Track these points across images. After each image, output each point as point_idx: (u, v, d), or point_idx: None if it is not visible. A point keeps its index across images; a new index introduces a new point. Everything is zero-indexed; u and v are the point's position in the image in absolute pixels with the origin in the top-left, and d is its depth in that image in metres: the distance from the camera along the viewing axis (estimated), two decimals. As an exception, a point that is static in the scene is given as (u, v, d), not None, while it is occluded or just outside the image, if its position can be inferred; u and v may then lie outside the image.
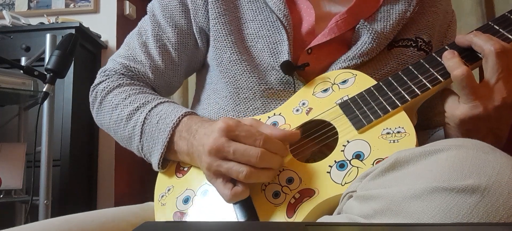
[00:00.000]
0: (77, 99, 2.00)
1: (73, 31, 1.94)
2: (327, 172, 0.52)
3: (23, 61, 1.80)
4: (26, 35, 2.02)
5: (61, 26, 2.03)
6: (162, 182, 0.64)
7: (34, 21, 2.18)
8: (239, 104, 0.67)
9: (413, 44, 0.68)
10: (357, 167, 0.50)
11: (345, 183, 0.49)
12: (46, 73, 1.24)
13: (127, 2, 2.42)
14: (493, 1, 1.87)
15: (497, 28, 0.55)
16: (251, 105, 0.67)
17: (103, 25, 2.29)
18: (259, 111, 0.66)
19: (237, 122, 0.53)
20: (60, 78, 1.27)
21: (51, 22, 2.15)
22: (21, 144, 1.64)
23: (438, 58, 0.56)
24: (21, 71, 1.34)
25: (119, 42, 2.32)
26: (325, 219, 0.49)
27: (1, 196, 1.50)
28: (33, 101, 1.63)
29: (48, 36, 1.59)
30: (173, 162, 0.65)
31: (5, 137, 1.75)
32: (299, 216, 0.50)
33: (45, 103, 1.49)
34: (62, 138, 1.92)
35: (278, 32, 0.66)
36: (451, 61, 0.53)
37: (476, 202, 0.33)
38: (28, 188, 1.58)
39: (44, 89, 1.23)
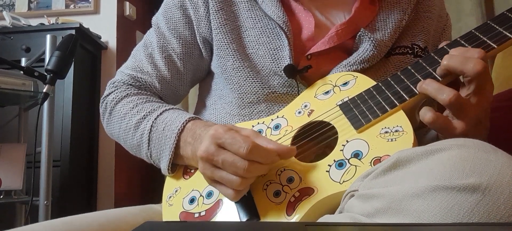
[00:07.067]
0: (77, 100, 2.00)
1: (73, 32, 1.94)
2: (326, 171, 0.53)
3: (23, 62, 1.80)
4: (26, 36, 2.03)
5: (61, 27, 2.04)
6: (170, 183, 0.66)
7: (34, 22, 2.18)
8: (244, 108, 0.69)
9: (410, 52, 0.70)
10: (355, 166, 0.51)
11: (343, 182, 0.50)
12: (46, 74, 1.24)
13: (127, 2, 2.42)
14: (493, 2, 1.87)
15: (496, 27, 0.55)
16: (255, 109, 0.68)
17: (103, 26, 2.29)
18: (263, 114, 0.68)
19: (228, 129, 0.54)
20: (60, 79, 1.27)
21: (51, 23, 2.16)
22: (21, 145, 1.64)
23: (436, 57, 0.57)
24: (21, 72, 1.34)
25: (119, 43, 2.32)
26: (326, 218, 0.49)
27: (1, 196, 1.50)
28: (33, 102, 1.63)
29: (48, 37, 1.59)
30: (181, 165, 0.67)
31: (5, 138, 1.75)
32: (298, 214, 0.51)
33: (45, 104, 1.49)
34: (62, 139, 1.92)
35: (278, 39, 0.68)
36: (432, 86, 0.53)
37: (477, 201, 0.33)
38: (28, 189, 1.57)
39: (44, 90, 1.24)
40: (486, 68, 0.50)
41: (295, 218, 0.51)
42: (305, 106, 0.64)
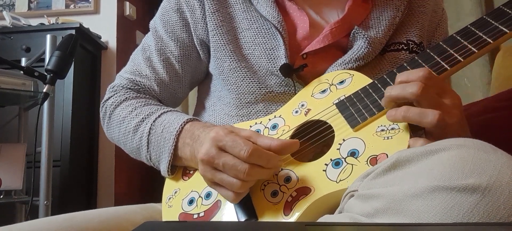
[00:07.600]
0: (77, 100, 2.00)
1: (73, 32, 1.94)
2: (323, 170, 0.53)
3: (23, 62, 1.80)
4: (26, 36, 2.03)
5: (61, 27, 2.03)
6: (170, 185, 0.66)
7: (34, 22, 2.18)
8: (242, 109, 0.69)
9: (405, 48, 0.70)
10: (352, 164, 0.51)
11: (340, 180, 0.50)
12: (46, 74, 1.24)
13: (127, 2, 2.42)
14: (493, 2, 1.87)
15: (492, 22, 0.55)
16: (253, 109, 0.69)
17: (103, 26, 2.29)
18: (261, 114, 0.68)
19: (228, 131, 0.54)
20: (60, 79, 1.27)
21: (51, 23, 2.15)
22: (21, 145, 1.64)
23: (432, 54, 0.57)
24: (21, 72, 1.34)
25: (119, 43, 2.32)
26: (326, 218, 0.49)
27: (1, 196, 1.50)
28: (33, 102, 1.63)
29: (48, 37, 1.59)
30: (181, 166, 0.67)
31: (5, 138, 1.75)
32: (296, 214, 0.51)
33: (45, 104, 1.49)
34: (62, 139, 1.92)
35: (273, 39, 0.68)
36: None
37: (477, 201, 0.33)
38: (28, 189, 1.57)
39: (44, 90, 1.24)
40: (428, 87, 0.49)
41: (292, 218, 0.51)
42: (302, 105, 0.64)
